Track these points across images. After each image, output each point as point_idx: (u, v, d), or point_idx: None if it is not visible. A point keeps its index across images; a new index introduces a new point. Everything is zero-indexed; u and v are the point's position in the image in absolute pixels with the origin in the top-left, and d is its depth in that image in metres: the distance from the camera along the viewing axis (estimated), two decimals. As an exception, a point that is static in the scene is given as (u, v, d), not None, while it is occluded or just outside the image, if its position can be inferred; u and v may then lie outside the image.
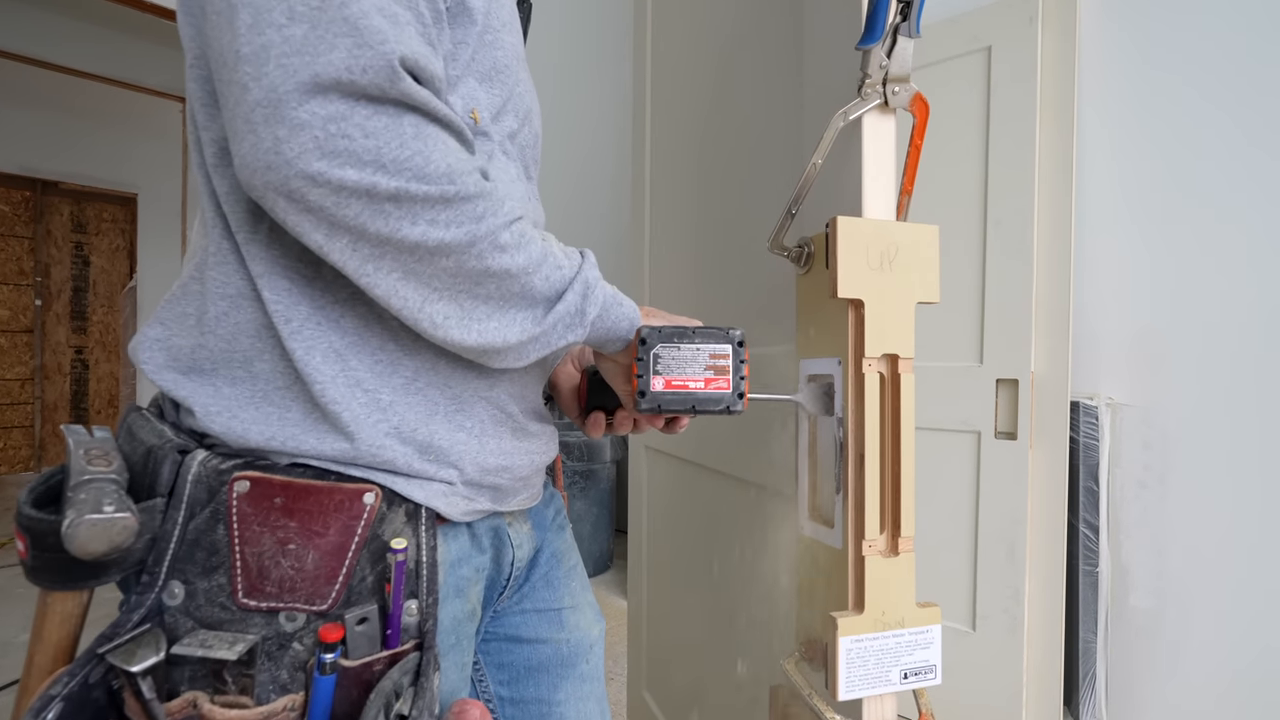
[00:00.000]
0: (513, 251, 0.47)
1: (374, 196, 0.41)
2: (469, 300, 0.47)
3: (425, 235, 0.43)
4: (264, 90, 0.39)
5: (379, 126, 0.41)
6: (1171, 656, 1.46)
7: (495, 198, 0.46)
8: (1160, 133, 1.48)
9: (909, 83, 0.63)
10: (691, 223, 1.14)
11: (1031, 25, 1.53)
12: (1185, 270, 1.46)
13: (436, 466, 0.51)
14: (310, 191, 0.40)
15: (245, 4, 0.40)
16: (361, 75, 0.40)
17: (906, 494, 0.61)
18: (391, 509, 0.50)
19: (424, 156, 0.42)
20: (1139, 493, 1.51)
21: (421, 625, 0.50)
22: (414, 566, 0.50)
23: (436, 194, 0.43)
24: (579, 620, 0.71)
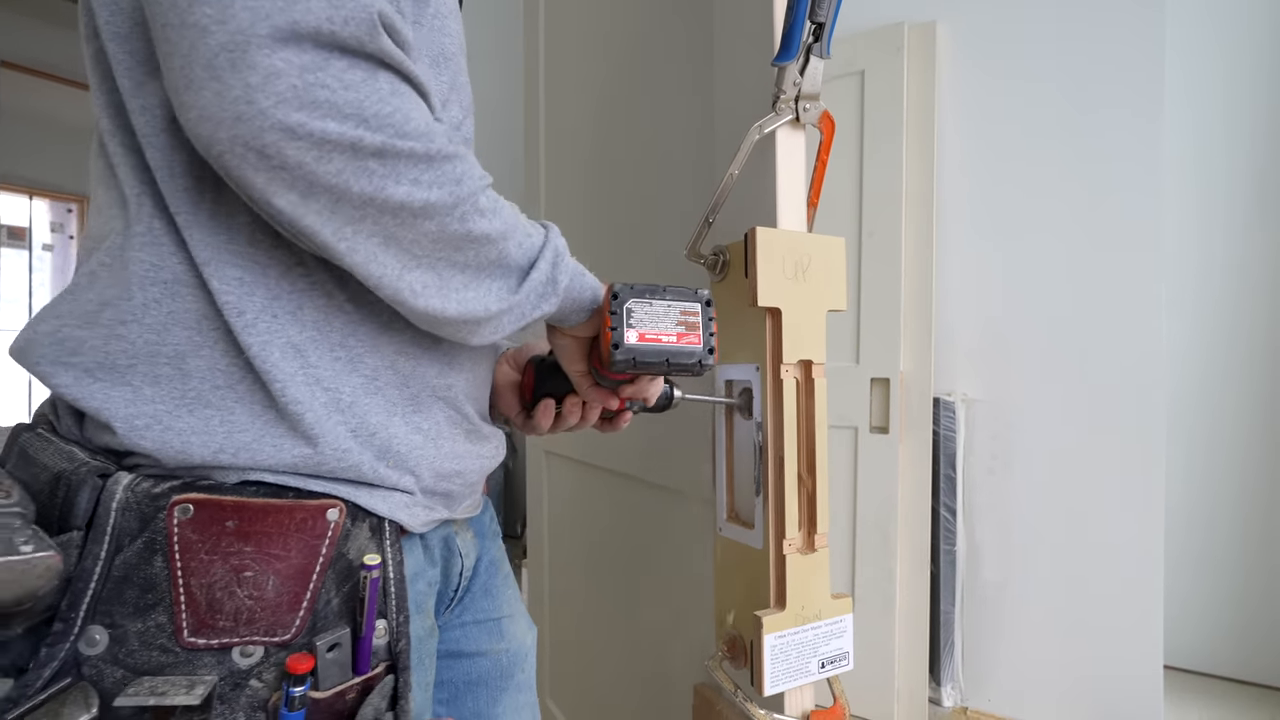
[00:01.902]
0: (490, 216, 0.46)
1: (358, 151, 0.38)
2: (447, 268, 0.45)
3: (410, 195, 0.41)
4: (229, 33, 0.35)
5: (356, 79, 0.38)
6: (1014, 621, 1.65)
7: (470, 160, 0.45)
8: (1002, 157, 1.66)
9: (819, 100, 0.66)
10: (589, 226, 1.14)
11: (899, 54, 1.67)
12: (1023, 278, 1.65)
13: (397, 473, 0.49)
14: (288, 145, 0.37)
15: None
16: (343, 26, 0.37)
17: (821, 492, 0.64)
18: (356, 524, 0.47)
19: (403, 114, 0.40)
20: (987, 479, 1.69)
21: (393, 645, 0.47)
22: (383, 584, 0.47)
23: (421, 150, 0.41)
24: (516, 629, 0.69)
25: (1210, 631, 1.86)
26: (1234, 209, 1.83)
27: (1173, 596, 1.67)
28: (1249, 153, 1.82)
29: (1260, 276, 1.81)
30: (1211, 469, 1.88)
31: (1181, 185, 1.86)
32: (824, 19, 0.60)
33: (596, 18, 1.09)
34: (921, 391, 1.65)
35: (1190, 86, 1.85)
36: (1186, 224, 1.87)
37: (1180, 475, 1.87)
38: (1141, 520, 1.53)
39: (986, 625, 1.69)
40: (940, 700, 1.71)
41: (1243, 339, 1.83)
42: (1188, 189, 1.87)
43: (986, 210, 1.71)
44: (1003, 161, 1.69)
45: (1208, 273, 1.87)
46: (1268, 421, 1.83)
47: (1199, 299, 1.88)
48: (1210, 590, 1.88)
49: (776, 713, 0.63)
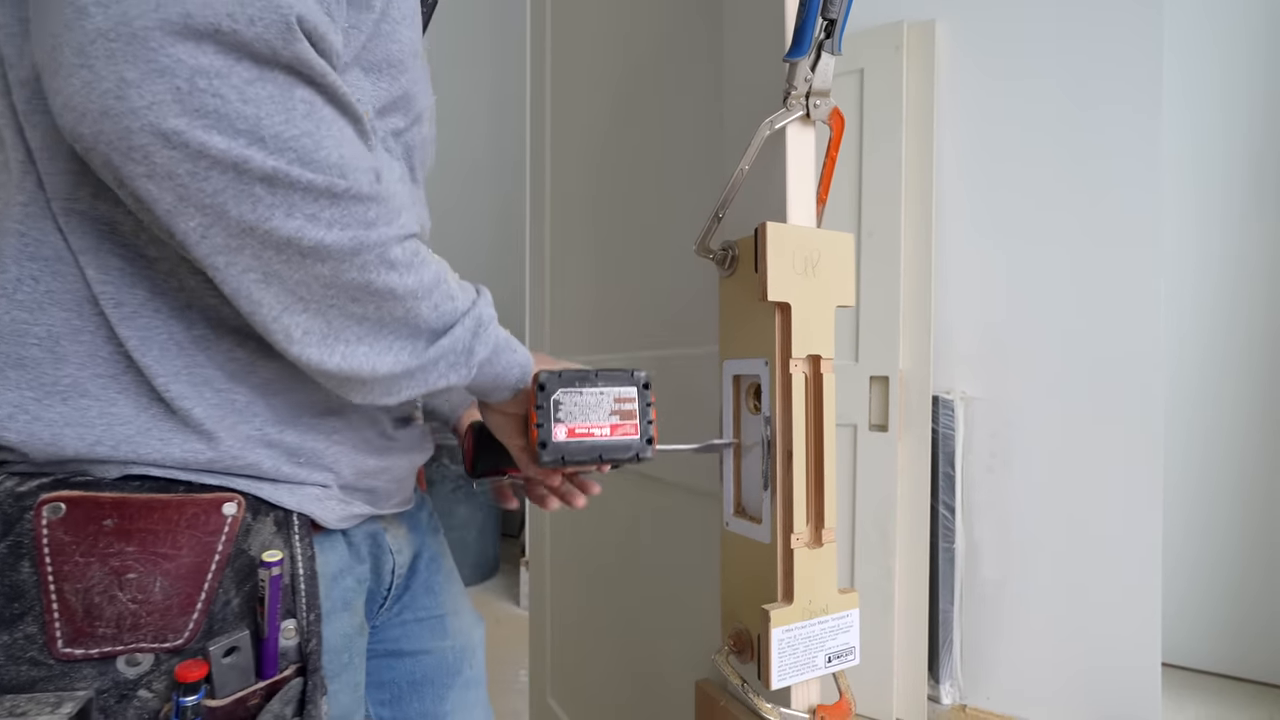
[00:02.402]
0: (402, 270, 0.41)
1: (243, 172, 0.34)
2: (339, 317, 0.40)
3: (300, 231, 0.36)
4: (111, 19, 0.31)
5: (262, 94, 0.34)
6: (1013, 618, 1.66)
7: (391, 205, 0.41)
8: (1001, 156, 1.67)
9: (829, 97, 0.66)
10: (597, 223, 1.14)
11: (898, 53, 1.67)
12: (1023, 277, 1.65)
13: (309, 470, 0.46)
14: (159, 152, 0.32)
15: None
16: (248, 26, 0.33)
17: (828, 487, 0.65)
18: (258, 519, 0.43)
19: (313, 139, 0.36)
20: (986, 476, 1.70)
21: (303, 647, 0.44)
22: (290, 581, 0.44)
23: (323, 184, 0.36)
24: (461, 625, 0.68)
25: (1207, 629, 1.88)
26: (1231, 205, 1.84)
27: (1170, 594, 1.68)
28: (1246, 147, 1.83)
29: (1259, 271, 1.83)
30: (1209, 466, 1.89)
31: (1180, 181, 1.87)
32: (836, 15, 0.60)
33: (604, 13, 1.09)
34: (920, 390, 1.66)
35: (1188, 83, 1.86)
36: (1185, 220, 1.89)
37: (1178, 473, 1.88)
38: (1140, 518, 1.54)
39: (985, 623, 1.70)
40: (939, 698, 1.71)
41: (1241, 335, 1.85)
42: (1186, 185, 1.88)
43: (986, 208, 1.71)
44: (1002, 160, 1.69)
45: (1206, 268, 1.88)
46: (1266, 419, 1.84)
47: (1198, 295, 1.90)
48: (1207, 588, 1.89)
49: (783, 707, 0.63)
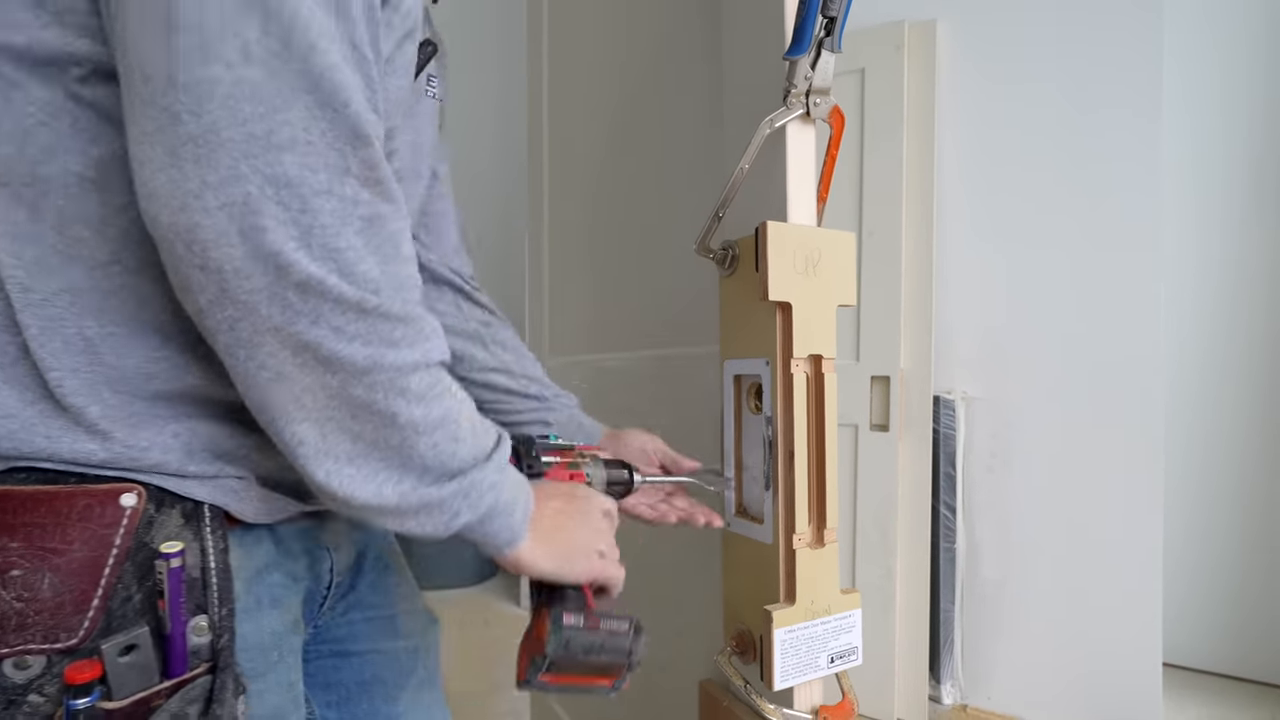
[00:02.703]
0: (411, 399, 0.40)
1: (282, 275, 0.36)
2: (335, 431, 0.40)
3: (321, 340, 0.37)
4: (202, 127, 0.34)
5: (325, 206, 0.36)
6: (1014, 618, 1.66)
7: (421, 328, 0.41)
8: (1001, 156, 1.67)
9: (829, 95, 0.66)
10: (596, 222, 1.13)
11: (899, 53, 1.67)
12: (1024, 277, 1.66)
13: (222, 464, 0.44)
14: (215, 248, 0.35)
15: (189, 24, 0.34)
16: (320, 137, 0.35)
17: (830, 487, 0.64)
18: (162, 511, 0.41)
19: (357, 252, 0.37)
20: (987, 476, 1.70)
21: (215, 644, 0.42)
22: (199, 575, 0.42)
23: (354, 298, 0.37)
24: (413, 625, 0.67)
25: (1208, 629, 1.88)
26: (1232, 208, 1.85)
27: (1171, 594, 1.68)
28: (1247, 151, 1.83)
29: (1259, 274, 1.83)
30: (1210, 467, 1.89)
31: (1181, 185, 1.87)
32: (836, 13, 0.60)
33: (602, 11, 1.09)
34: (921, 389, 1.65)
35: (1188, 87, 1.86)
36: (1186, 223, 1.89)
37: (1179, 474, 1.88)
38: (1141, 518, 1.54)
39: (986, 623, 1.70)
40: (940, 698, 1.71)
41: (1242, 337, 1.85)
42: (1187, 189, 1.88)
43: (986, 209, 1.71)
44: (1002, 160, 1.69)
45: (1207, 271, 1.89)
46: (1267, 419, 1.84)
47: (1198, 297, 1.90)
48: (1208, 588, 1.89)
49: (786, 708, 0.63)
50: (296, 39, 0.35)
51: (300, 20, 0.35)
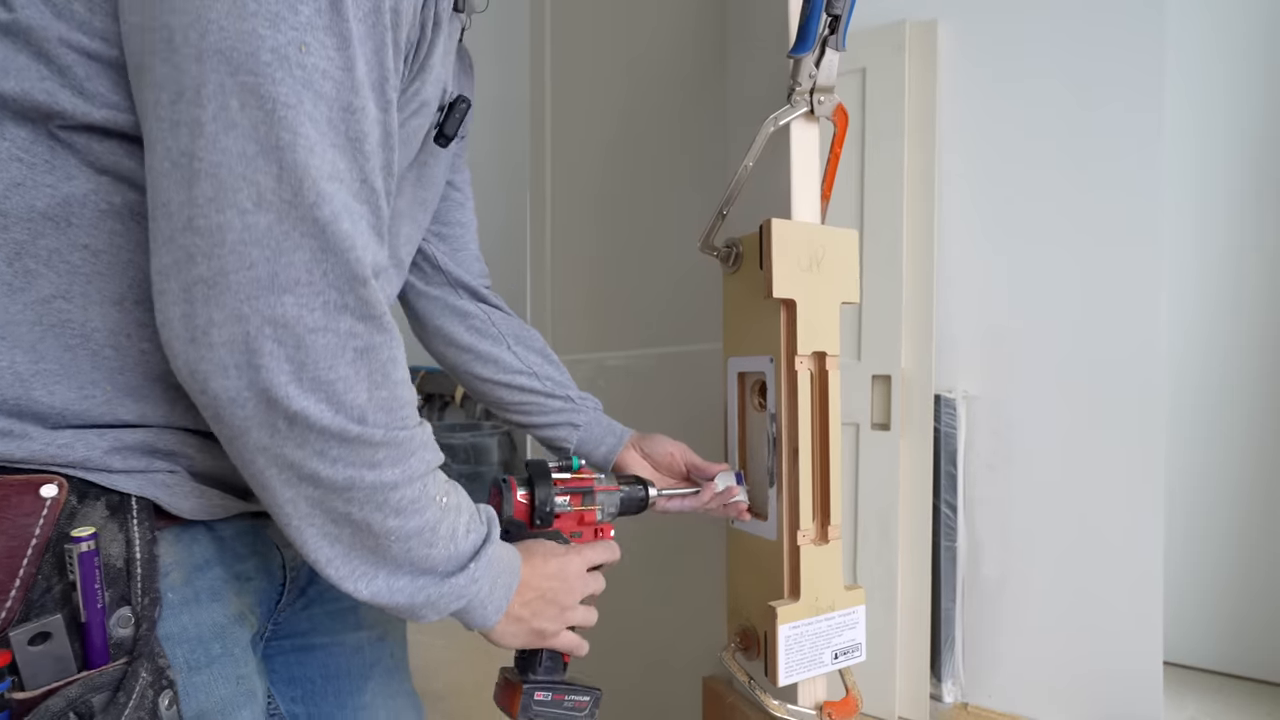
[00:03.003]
0: (388, 513, 0.44)
1: (273, 407, 0.39)
2: (318, 531, 0.43)
3: (305, 461, 0.41)
4: (213, 271, 0.37)
5: (319, 343, 0.39)
6: (1015, 617, 1.66)
7: (406, 448, 0.43)
8: (1003, 157, 1.67)
9: (833, 93, 0.66)
10: (600, 219, 1.13)
11: (900, 53, 1.67)
12: (1024, 276, 1.66)
13: (151, 459, 0.44)
14: (215, 380, 0.38)
15: (208, 172, 0.36)
16: (322, 278, 0.38)
17: (834, 484, 0.64)
18: (86, 503, 0.41)
19: (347, 383, 0.40)
20: (988, 474, 1.70)
21: (136, 634, 0.42)
22: (123, 565, 0.42)
23: (336, 428, 0.40)
24: (375, 614, 0.67)
25: (1208, 627, 1.88)
26: (1234, 205, 1.85)
27: (1172, 592, 1.68)
28: (1249, 147, 1.83)
29: (1261, 271, 1.83)
30: (1211, 464, 1.89)
31: (1183, 181, 1.87)
32: (840, 11, 0.60)
33: (607, 7, 1.09)
34: (923, 388, 1.66)
35: (1190, 82, 1.86)
36: (1188, 220, 1.89)
37: (1180, 471, 1.88)
38: (1142, 516, 1.54)
39: (987, 621, 1.70)
40: (941, 696, 1.71)
41: (1243, 334, 1.85)
42: (1189, 185, 1.89)
43: (987, 208, 1.72)
44: (1004, 160, 1.70)
45: (1209, 268, 1.89)
46: (1268, 418, 1.84)
47: (1200, 294, 1.90)
48: (1209, 586, 1.89)
49: (790, 703, 0.63)
50: (307, 188, 0.37)
51: (312, 171, 0.38)
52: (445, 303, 0.73)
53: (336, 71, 0.39)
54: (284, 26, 0.37)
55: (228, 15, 0.36)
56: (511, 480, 0.62)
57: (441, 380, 3.29)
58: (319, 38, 0.38)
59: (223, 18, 0.36)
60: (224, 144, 0.36)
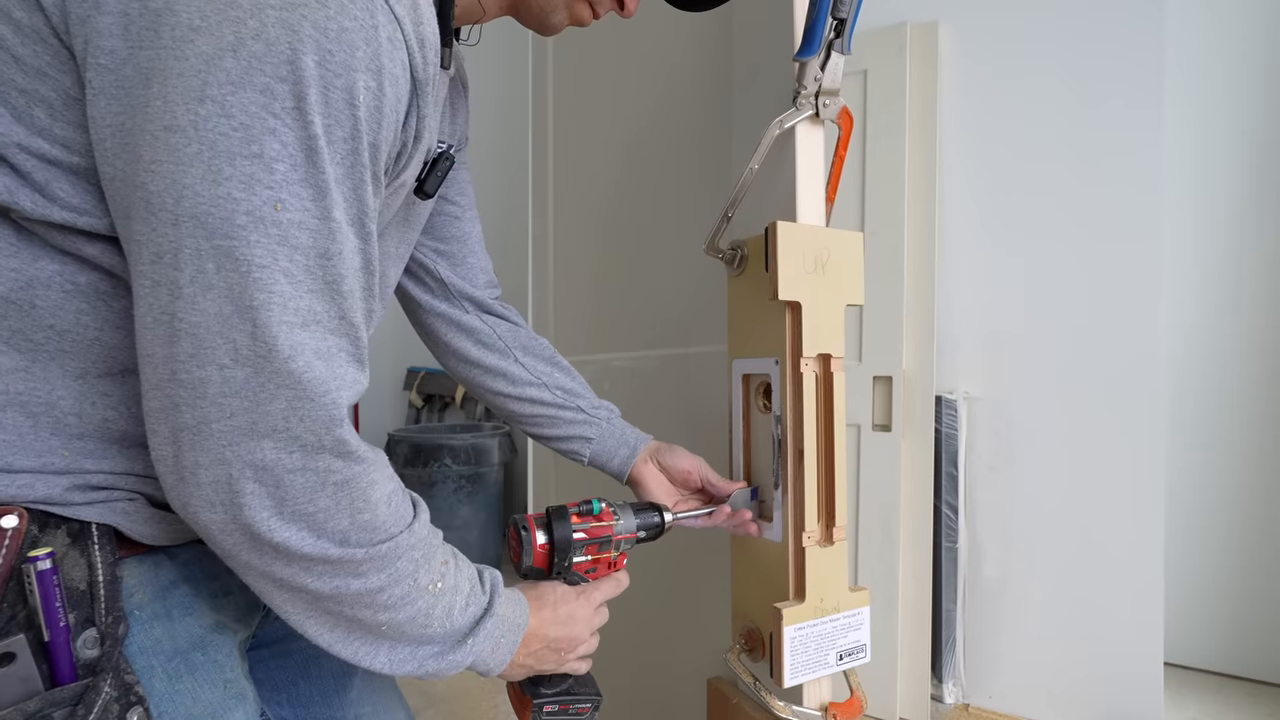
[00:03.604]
0: (379, 610, 0.46)
1: (257, 538, 0.41)
2: (315, 622, 0.46)
3: (293, 577, 0.43)
4: (197, 419, 0.39)
5: (298, 482, 0.41)
6: (1016, 618, 1.67)
7: (390, 554, 0.45)
8: (1003, 156, 1.68)
9: (838, 96, 0.66)
10: (603, 221, 1.14)
11: (901, 54, 1.68)
12: (1025, 277, 1.66)
13: (108, 491, 0.45)
14: (202, 515, 0.40)
15: (188, 331, 0.38)
16: (298, 424, 0.40)
17: (839, 486, 0.65)
18: (46, 532, 0.42)
19: (327, 514, 0.42)
20: (989, 475, 1.70)
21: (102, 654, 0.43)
22: (85, 588, 0.43)
23: (318, 553, 0.42)
24: None
25: (1209, 628, 1.88)
26: (1236, 204, 1.85)
27: (1172, 593, 1.69)
28: (1250, 144, 1.83)
29: (1262, 272, 1.83)
30: (1212, 466, 1.90)
31: (1185, 181, 1.88)
32: (846, 15, 0.61)
33: (609, 17, 1.09)
34: (924, 389, 1.66)
35: (1191, 80, 1.87)
36: (1190, 220, 1.89)
37: (1181, 472, 1.89)
38: (1143, 517, 1.54)
39: (988, 622, 1.71)
40: (942, 697, 1.72)
41: (1245, 335, 1.85)
42: (1191, 185, 1.89)
43: (989, 209, 1.72)
44: (1005, 161, 1.70)
45: (1211, 269, 1.89)
46: (1268, 419, 1.85)
47: (1202, 297, 1.90)
48: (1209, 587, 1.90)
49: (795, 704, 0.63)
50: (281, 343, 0.39)
51: (285, 325, 0.39)
52: (451, 319, 0.73)
53: (312, 221, 0.39)
54: (259, 188, 0.37)
55: (202, 180, 0.36)
56: (531, 523, 0.62)
57: (442, 380, 3.29)
58: (295, 191, 0.38)
59: (197, 183, 0.36)
60: (202, 305, 0.38)
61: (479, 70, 3.53)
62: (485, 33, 0.65)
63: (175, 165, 0.36)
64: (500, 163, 3.15)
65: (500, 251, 3.74)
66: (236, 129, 0.36)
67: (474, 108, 2.49)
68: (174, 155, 0.36)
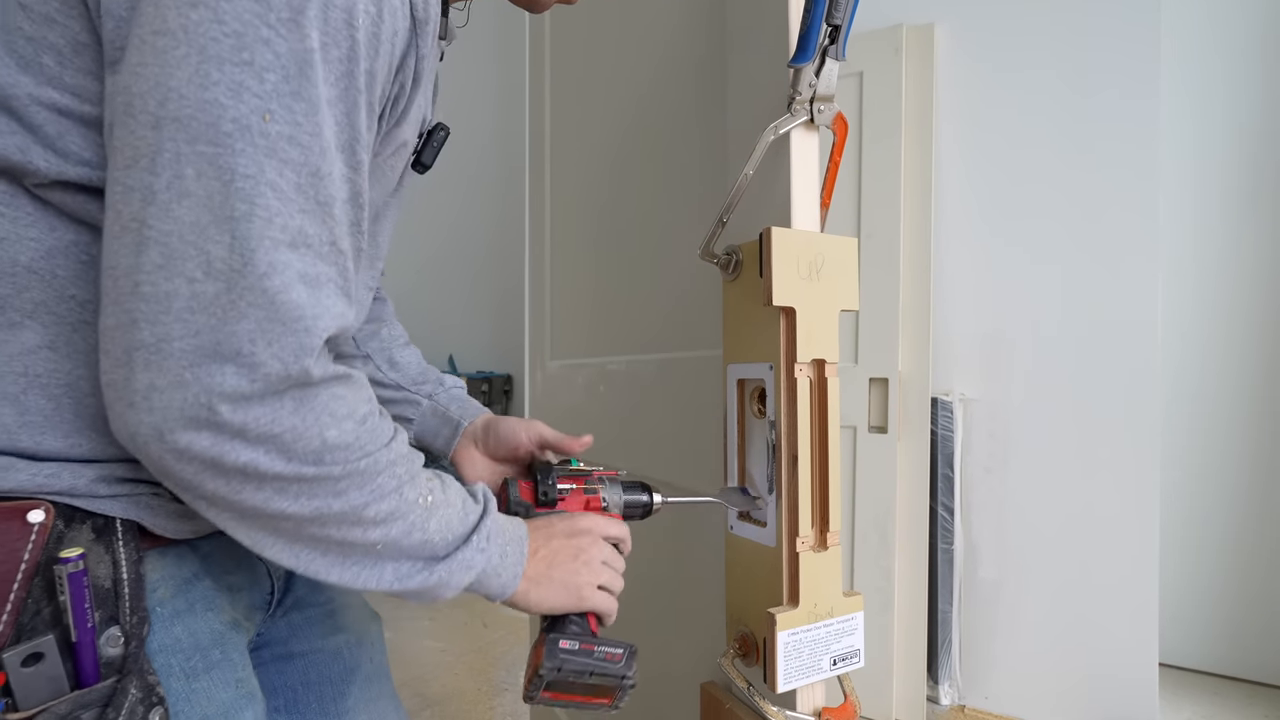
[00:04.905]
0: (367, 526, 0.44)
1: (219, 464, 0.38)
2: (305, 552, 0.44)
3: (266, 502, 0.40)
4: (156, 337, 0.36)
5: (259, 409, 0.38)
6: (1011, 619, 1.67)
7: (370, 469, 0.43)
8: (1001, 147, 1.68)
9: (833, 102, 0.66)
10: (599, 226, 1.14)
11: (897, 55, 1.68)
12: (1021, 279, 1.66)
13: (133, 485, 0.45)
14: (153, 446, 0.38)
15: (157, 240, 0.36)
16: (265, 349, 0.37)
17: (833, 491, 0.65)
18: (72, 527, 0.42)
19: (295, 433, 0.40)
20: (985, 477, 1.70)
21: (126, 652, 0.43)
22: (110, 585, 0.43)
23: (291, 473, 0.40)
24: (353, 619, 0.67)
25: (1203, 629, 1.89)
26: (1230, 204, 1.86)
27: (1167, 594, 1.69)
28: (1245, 146, 1.84)
29: (1256, 274, 1.84)
30: (1206, 467, 1.90)
31: (1179, 185, 1.88)
32: (840, 21, 0.61)
33: (607, 14, 1.10)
34: (919, 391, 1.66)
35: (1187, 84, 1.87)
36: (1184, 221, 1.90)
37: (1175, 474, 1.89)
38: (1137, 519, 1.55)
39: (983, 624, 1.71)
40: (938, 698, 1.72)
41: (1238, 336, 1.86)
42: (1185, 188, 1.89)
43: (984, 211, 1.72)
44: (1000, 164, 1.70)
45: (1205, 272, 1.90)
46: (1261, 421, 1.85)
47: (1196, 297, 1.91)
48: (1203, 588, 1.90)
49: (789, 710, 0.64)
50: (259, 258, 0.37)
51: (266, 241, 0.37)
52: None
53: (304, 137, 0.38)
54: (247, 95, 0.36)
55: (188, 84, 0.35)
56: (516, 478, 0.63)
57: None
58: (285, 104, 0.37)
59: (183, 85, 0.35)
60: (176, 213, 0.36)
61: (476, 76, 3.53)
62: (482, 39, 0.65)
63: (160, 68, 0.35)
64: (496, 168, 3.15)
65: (497, 257, 3.73)
66: (228, 35, 0.35)
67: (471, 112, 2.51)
68: (160, 58, 0.35)
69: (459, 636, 2.23)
